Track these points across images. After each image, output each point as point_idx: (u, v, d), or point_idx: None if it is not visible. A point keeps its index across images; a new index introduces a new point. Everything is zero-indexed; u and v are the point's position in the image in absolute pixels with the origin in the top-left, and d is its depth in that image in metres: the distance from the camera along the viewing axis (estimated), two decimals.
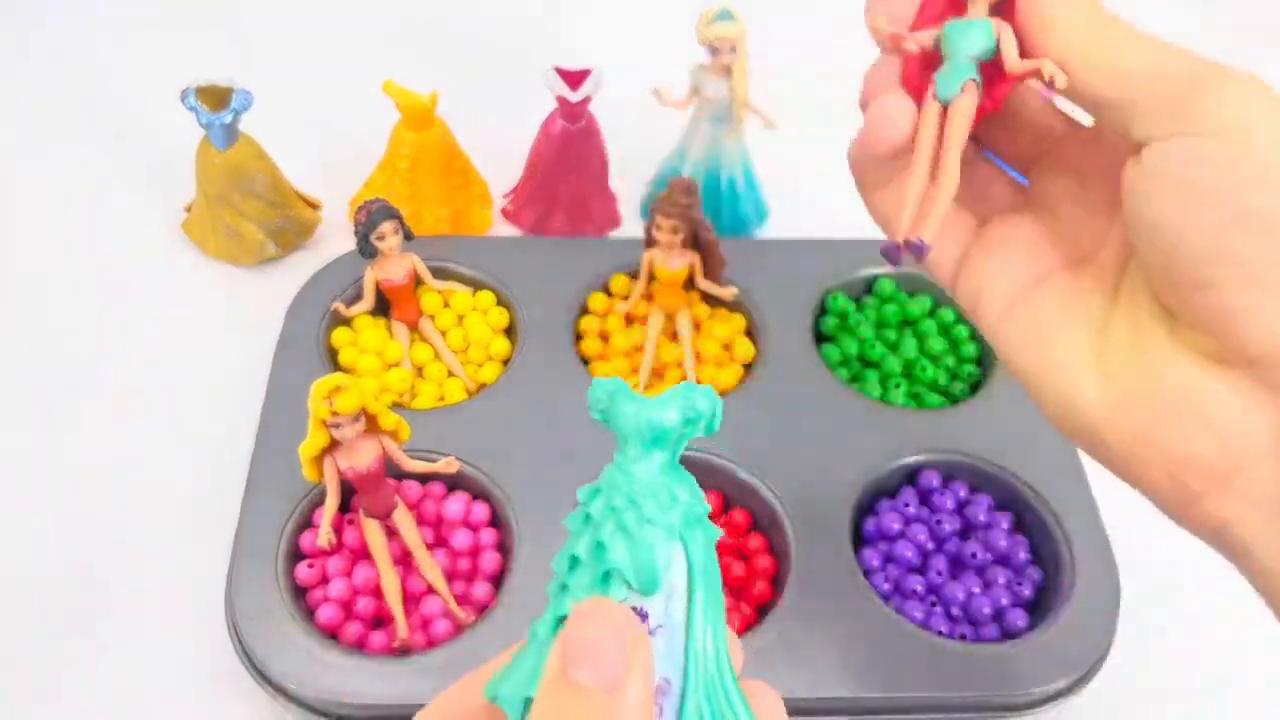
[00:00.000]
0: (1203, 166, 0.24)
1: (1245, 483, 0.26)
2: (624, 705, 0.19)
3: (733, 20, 0.58)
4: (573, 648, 0.20)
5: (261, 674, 0.44)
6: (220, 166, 0.59)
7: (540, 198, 0.65)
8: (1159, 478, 0.27)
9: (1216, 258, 0.24)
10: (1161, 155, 0.25)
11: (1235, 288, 0.24)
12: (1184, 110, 0.25)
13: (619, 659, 0.20)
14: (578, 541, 0.22)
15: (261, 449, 0.50)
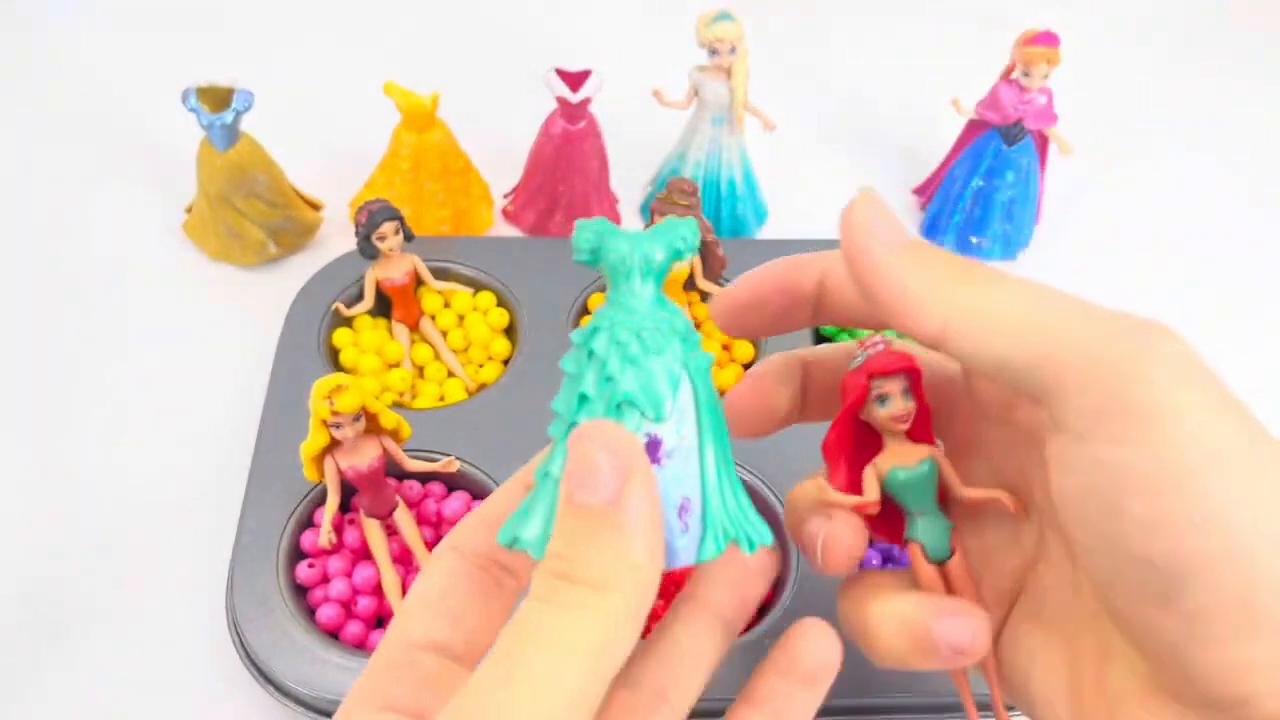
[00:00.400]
0: (1128, 491, 0.20)
1: None
2: (626, 515, 0.20)
3: (732, 21, 0.58)
4: (571, 472, 0.20)
5: (262, 673, 0.44)
6: (221, 167, 0.59)
7: (541, 198, 0.65)
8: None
9: (1158, 603, 0.20)
10: (1082, 467, 0.20)
11: (1186, 638, 0.20)
12: (1102, 399, 0.20)
13: (613, 473, 0.20)
14: (582, 380, 0.22)
15: (262, 448, 0.50)
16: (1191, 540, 0.19)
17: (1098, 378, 0.20)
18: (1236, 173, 0.75)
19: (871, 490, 0.26)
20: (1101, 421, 0.20)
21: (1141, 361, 0.20)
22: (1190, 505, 0.19)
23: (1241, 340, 0.64)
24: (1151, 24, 0.89)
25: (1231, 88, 0.84)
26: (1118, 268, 0.68)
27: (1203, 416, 0.20)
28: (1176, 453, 0.19)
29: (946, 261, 0.22)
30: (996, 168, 0.64)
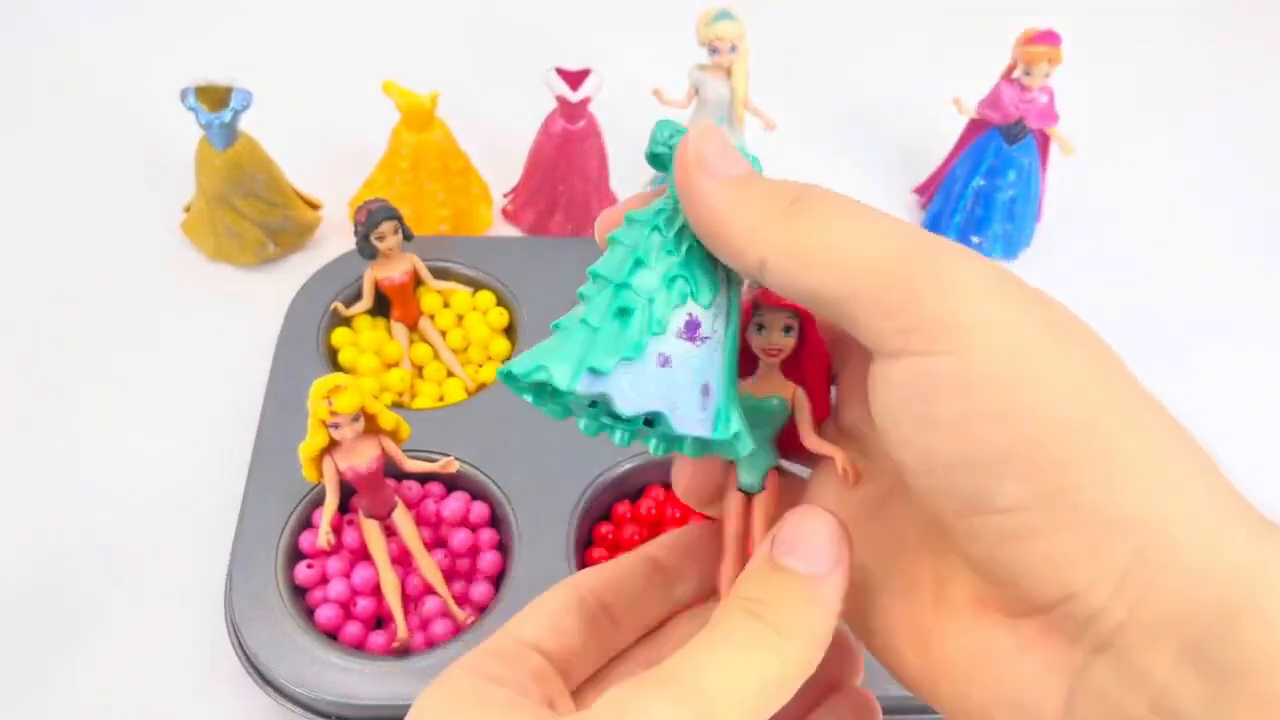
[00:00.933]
0: (935, 400, 0.20)
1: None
2: (831, 590, 0.22)
3: (732, 20, 0.58)
4: (784, 538, 0.22)
5: (261, 674, 0.44)
6: (220, 166, 0.59)
7: (540, 198, 0.65)
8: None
9: (971, 507, 0.20)
10: (892, 381, 0.21)
11: (1002, 538, 0.20)
12: (901, 316, 0.20)
13: (829, 551, 0.22)
14: (641, 247, 0.23)
15: (261, 449, 0.50)
16: (997, 434, 0.19)
17: (897, 299, 0.20)
18: (1238, 171, 0.75)
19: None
20: (906, 338, 0.20)
21: (933, 275, 0.20)
22: (993, 400, 0.19)
23: (1243, 337, 0.64)
24: (1153, 22, 0.88)
25: (1234, 86, 0.84)
26: (1119, 266, 0.68)
27: (999, 314, 0.20)
28: (977, 353, 0.20)
29: (769, 196, 0.22)
30: (998, 167, 0.63)
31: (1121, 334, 0.69)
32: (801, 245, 0.21)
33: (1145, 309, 0.65)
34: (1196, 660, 0.18)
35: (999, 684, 0.22)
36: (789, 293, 0.22)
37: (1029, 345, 0.20)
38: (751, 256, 0.22)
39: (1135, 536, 0.19)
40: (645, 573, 0.26)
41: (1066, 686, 0.20)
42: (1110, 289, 0.66)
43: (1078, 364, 0.20)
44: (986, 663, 0.22)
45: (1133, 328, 0.64)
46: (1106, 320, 0.69)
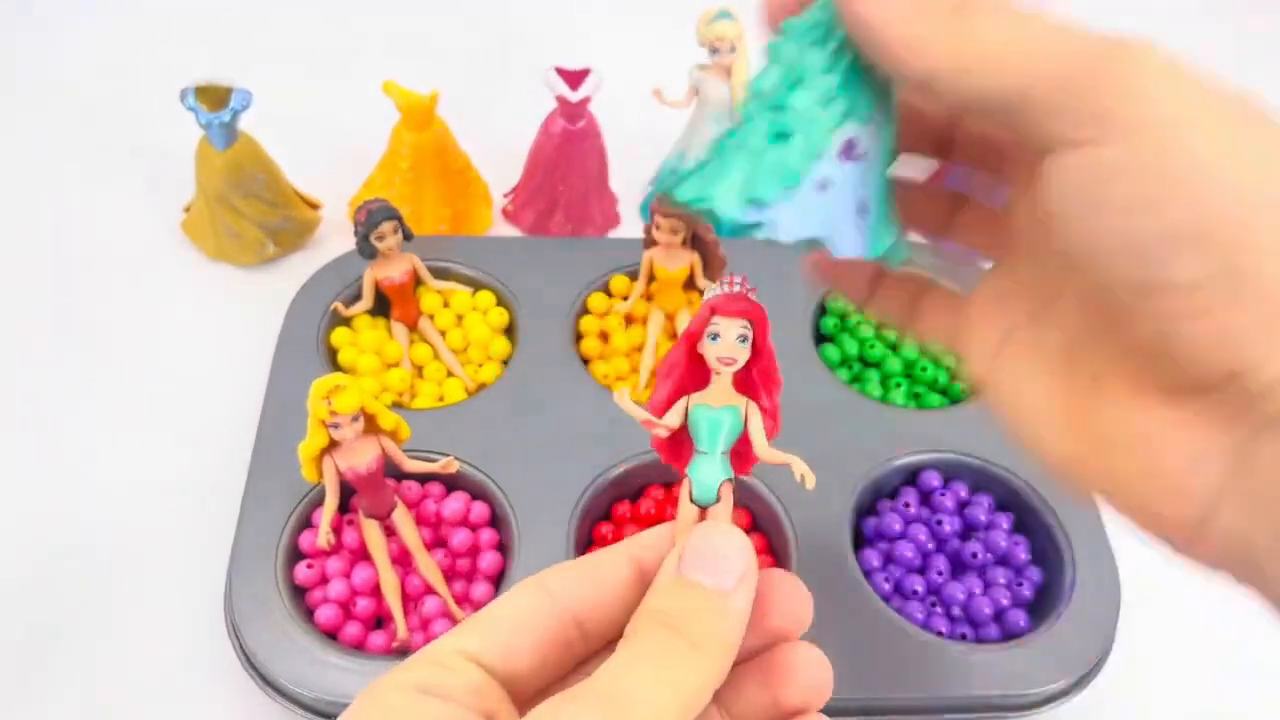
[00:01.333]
0: (1110, 183, 0.20)
1: (1212, 533, 0.23)
2: (735, 605, 0.23)
3: (732, 20, 0.58)
4: (694, 551, 0.24)
5: (261, 674, 0.44)
6: (220, 166, 0.59)
7: (540, 198, 0.65)
8: (1147, 528, 0.24)
9: (1147, 286, 0.21)
10: (1065, 173, 0.21)
11: (1174, 316, 0.21)
12: (1084, 110, 0.20)
13: (736, 568, 0.23)
14: (802, 64, 0.24)
15: (261, 449, 0.50)
16: (1174, 211, 0.20)
17: (1079, 97, 0.21)
18: None
19: (673, 417, 0.27)
20: (1078, 131, 0.21)
21: (1111, 69, 0.20)
22: (1172, 178, 0.20)
23: None
24: (1155, 20, 0.88)
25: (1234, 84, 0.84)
26: None
27: (1170, 103, 0.20)
28: (1158, 138, 0.20)
29: (934, 6, 0.22)
30: None
31: None
32: (969, 51, 0.22)
33: None
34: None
35: (1151, 461, 0.23)
36: (956, 99, 0.22)
37: (1205, 127, 0.20)
38: (918, 66, 0.22)
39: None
40: (629, 582, 0.25)
41: (1222, 467, 0.21)
42: None
43: (1261, 143, 0.20)
44: (1141, 441, 0.23)
45: None
46: None
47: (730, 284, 0.27)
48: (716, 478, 0.26)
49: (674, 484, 0.52)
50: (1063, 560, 0.48)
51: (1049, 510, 0.50)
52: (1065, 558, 0.48)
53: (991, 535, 0.50)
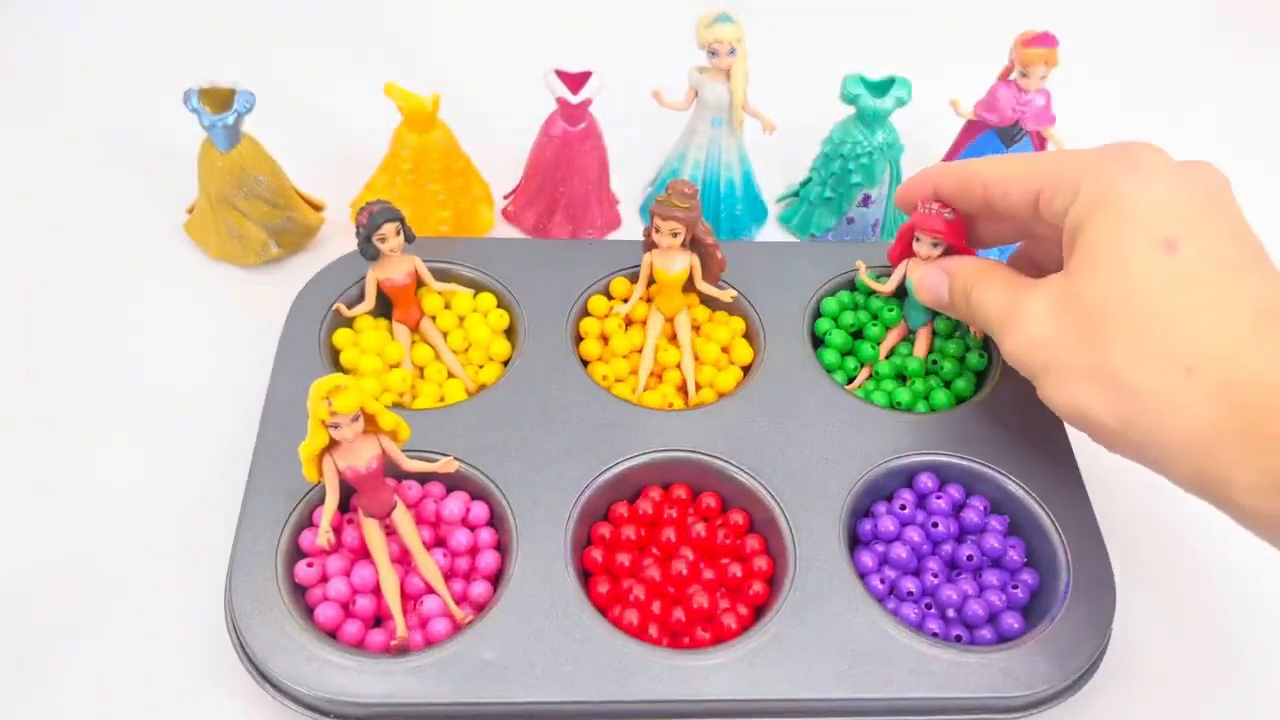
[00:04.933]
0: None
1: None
2: None
3: (732, 23, 0.58)
4: None
5: (260, 673, 0.44)
6: (222, 168, 0.59)
7: (541, 199, 0.66)
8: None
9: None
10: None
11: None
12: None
13: None
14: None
15: (262, 448, 0.50)
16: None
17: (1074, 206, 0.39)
18: (1238, 170, 0.75)
19: (892, 283, 0.57)
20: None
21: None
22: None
23: None
24: (1151, 23, 0.89)
25: (1232, 86, 0.84)
26: None
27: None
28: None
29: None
30: None
31: None
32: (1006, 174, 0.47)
33: None
34: None
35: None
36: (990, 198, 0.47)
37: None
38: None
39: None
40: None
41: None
42: None
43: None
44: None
45: None
46: None
47: (928, 208, 0.51)
48: (919, 318, 0.56)
49: (671, 485, 0.52)
50: (1057, 563, 0.48)
51: (1044, 513, 0.50)
52: (1060, 561, 0.48)
53: (986, 538, 0.50)
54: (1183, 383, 0.34)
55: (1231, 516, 0.37)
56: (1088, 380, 0.36)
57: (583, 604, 0.46)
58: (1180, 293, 0.34)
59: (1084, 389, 0.37)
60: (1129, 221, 0.36)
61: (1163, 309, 0.35)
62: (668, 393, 0.56)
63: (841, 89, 0.61)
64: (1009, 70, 0.62)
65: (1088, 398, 0.36)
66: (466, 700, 0.43)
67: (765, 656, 0.45)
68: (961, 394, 0.56)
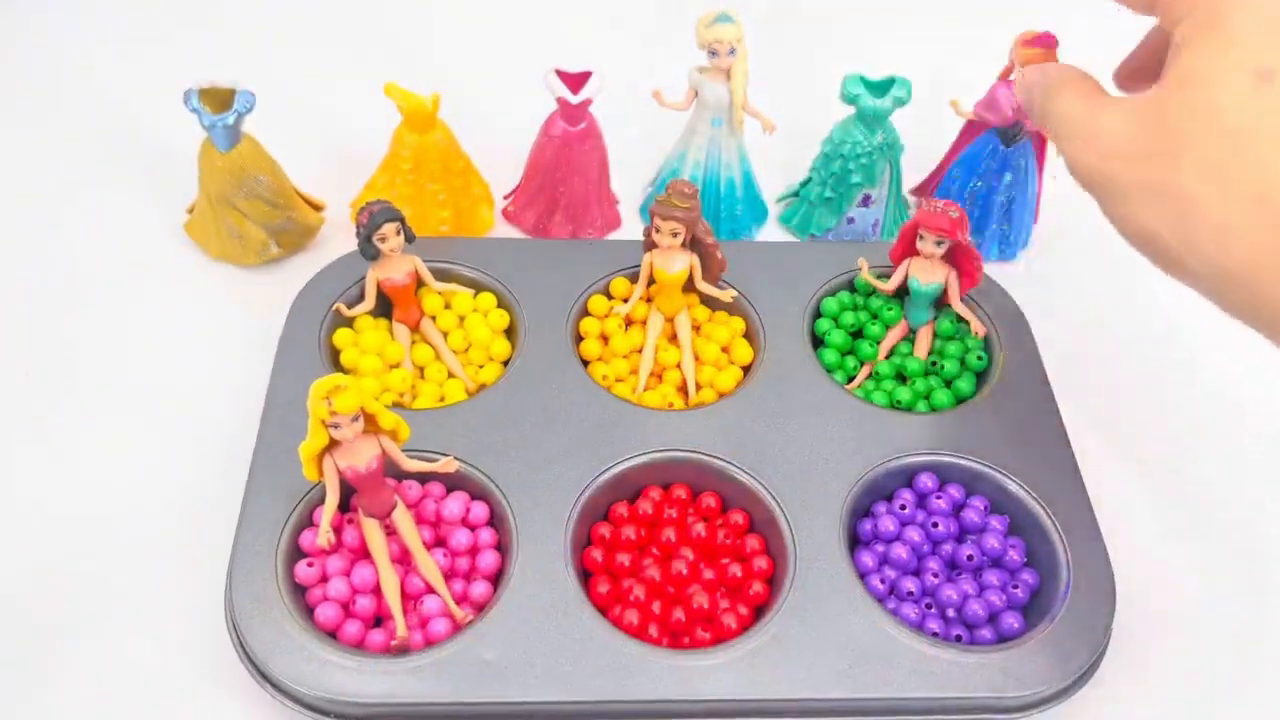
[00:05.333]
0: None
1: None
2: None
3: (732, 23, 0.58)
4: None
5: (261, 672, 0.44)
6: (223, 168, 0.59)
7: (541, 199, 0.66)
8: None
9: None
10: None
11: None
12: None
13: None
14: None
15: (262, 448, 0.50)
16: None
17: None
18: None
19: (894, 282, 0.57)
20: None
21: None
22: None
23: (1243, 336, 0.64)
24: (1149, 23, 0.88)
25: None
26: (1118, 267, 0.68)
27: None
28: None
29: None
30: (995, 168, 0.64)
31: (1122, 335, 0.69)
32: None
33: (1145, 310, 0.65)
34: None
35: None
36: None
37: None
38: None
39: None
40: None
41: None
42: (1109, 291, 0.66)
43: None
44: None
45: (1133, 329, 0.64)
46: (1106, 323, 0.70)
47: (934, 206, 0.52)
48: (925, 315, 0.56)
49: (671, 485, 0.52)
50: (1057, 563, 0.48)
51: (1044, 513, 0.50)
52: (1060, 560, 0.48)
53: (987, 538, 0.50)
54: (1250, 209, 0.33)
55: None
56: (1154, 197, 0.36)
57: (583, 604, 0.46)
58: (1264, 120, 0.34)
59: (1150, 207, 0.36)
60: (1232, 46, 0.34)
61: (1242, 133, 0.34)
62: (668, 393, 0.56)
63: (841, 89, 0.61)
64: (1009, 70, 0.62)
65: (1153, 216, 0.36)
66: (466, 700, 0.43)
67: (765, 656, 0.45)
68: (962, 394, 0.56)
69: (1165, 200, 0.35)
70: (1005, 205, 0.65)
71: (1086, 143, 0.38)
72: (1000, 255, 0.67)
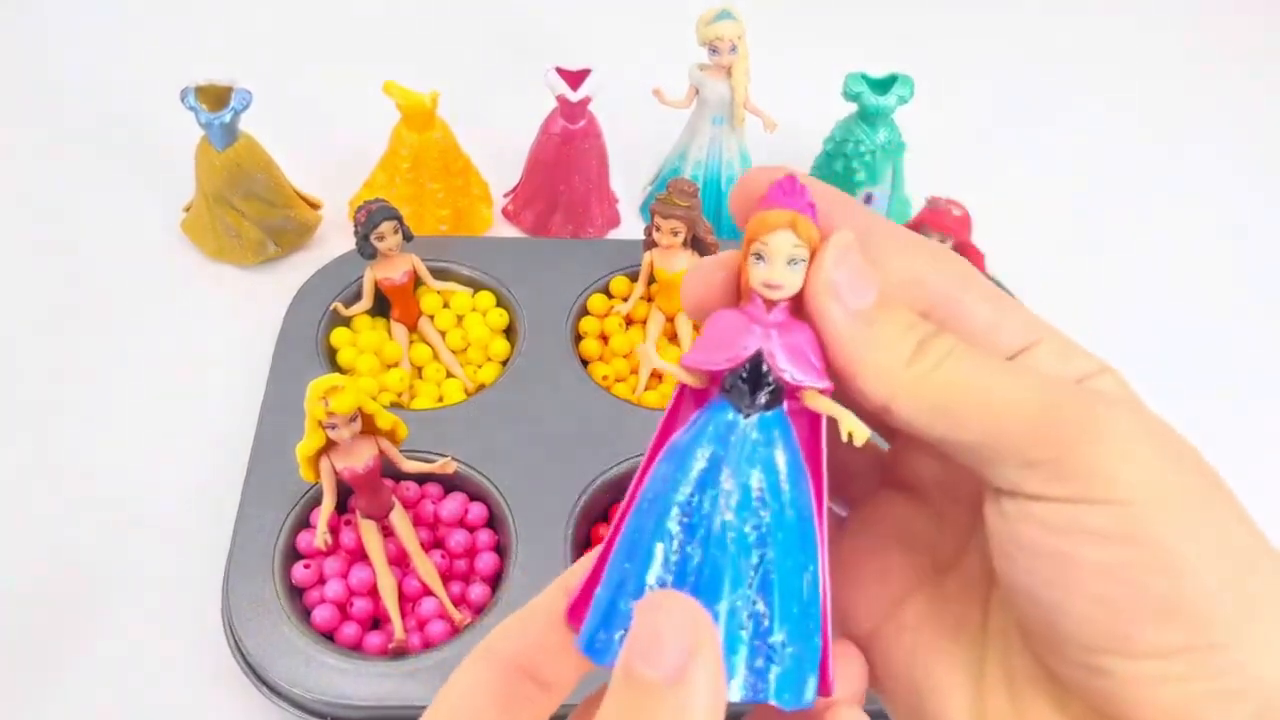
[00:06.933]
0: (1084, 544, 0.20)
1: None
2: (689, 694, 0.19)
3: (733, 20, 0.58)
4: (632, 640, 0.19)
5: (257, 675, 0.44)
6: (220, 166, 0.59)
7: (540, 198, 0.65)
8: None
9: (1111, 648, 0.20)
10: (1030, 520, 0.21)
11: (1135, 680, 0.20)
12: (1049, 465, 0.20)
13: (678, 646, 0.19)
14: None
15: (259, 449, 0.50)
16: (1157, 584, 0.20)
17: (1048, 449, 0.20)
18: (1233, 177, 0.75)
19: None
20: (1051, 485, 0.20)
21: (1086, 432, 0.20)
22: (1155, 554, 0.20)
23: (1243, 346, 0.64)
24: (1156, 33, 0.88)
25: (1233, 99, 0.83)
26: (1121, 273, 0.68)
27: (1156, 469, 0.20)
28: (1138, 508, 0.20)
29: (897, 336, 0.22)
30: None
31: (1123, 340, 0.68)
32: (928, 391, 0.21)
33: (1149, 317, 0.65)
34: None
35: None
36: (914, 431, 0.22)
37: (1184, 501, 0.20)
38: (878, 397, 0.21)
39: (1265, 691, 0.20)
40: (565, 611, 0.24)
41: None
42: (1112, 295, 0.66)
43: (1221, 520, 0.21)
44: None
45: (1135, 338, 0.64)
46: (1110, 326, 0.68)
47: (936, 203, 0.36)
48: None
49: None
50: None
51: None
52: None
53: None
54: None
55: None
56: None
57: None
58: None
59: None
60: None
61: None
62: (668, 393, 0.55)
63: (844, 86, 0.61)
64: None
65: None
66: None
67: None
68: None
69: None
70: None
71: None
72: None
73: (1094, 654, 0.21)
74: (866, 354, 0.22)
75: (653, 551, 0.21)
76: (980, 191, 0.60)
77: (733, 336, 0.22)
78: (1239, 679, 0.20)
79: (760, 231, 0.21)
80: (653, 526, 0.21)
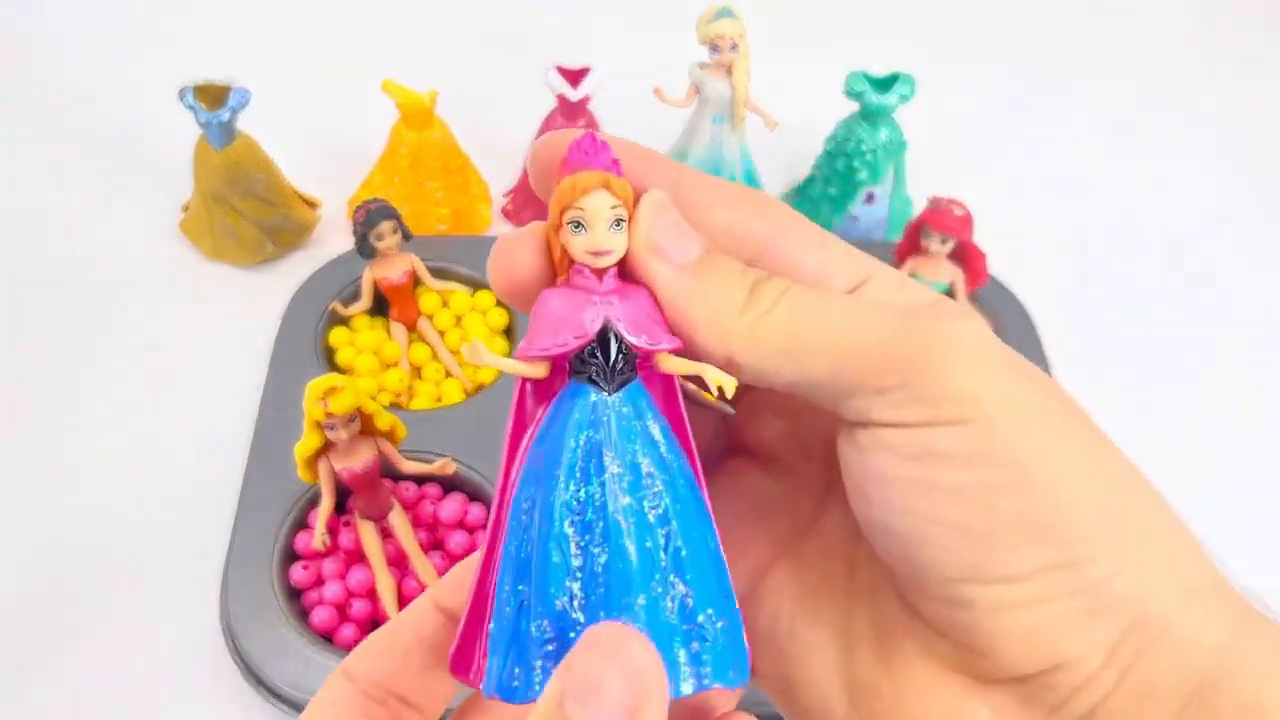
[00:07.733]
0: (939, 467, 0.19)
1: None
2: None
3: (733, 18, 0.58)
4: (572, 677, 0.17)
5: (255, 676, 0.43)
6: (218, 165, 0.59)
7: (539, 198, 0.65)
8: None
9: (970, 575, 0.19)
10: (884, 449, 0.20)
11: (995, 606, 0.19)
12: (899, 390, 0.19)
13: (621, 703, 0.17)
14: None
15: (257, 449, 0.50)
16: (1013, 504, 0.19)
17: (894, 375, 0.19)
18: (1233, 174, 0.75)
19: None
20: (901, 410, 0.19)
21: (932, 351, 0.19)
22: (1010, 472, 0.19)
23: (1252, 339, 0.64)
24: (1156, 34, 0.88)
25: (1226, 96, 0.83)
26: (1126, 270, 0.68)
27: (1007, 386, 0.20)
28: (991, 425, 0.19)
29: (730, 285, 0.21)
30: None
31: (1131, 337, 0.68)
32: (768, 335, 0.20)
33: (1154, 312, 0.65)
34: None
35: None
36: (761, 381, 0.21)
37: (1039, 419, 0.19)
38: (717, 353, 0.21)
39: (1131, 609, 0.19)
40: (438, 628, 0.22)
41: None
42: (1118, 292, 0.66)
43: (1082, 440, 0.20)
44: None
45: (1142, 332, 0.64)
46: (1114, 324, 0.68)
47: (938, 203, 0.31)
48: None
49: None
50: None
51: None
52: None
53: None
54: None
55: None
56: None
57: None
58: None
59: None
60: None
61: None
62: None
63: (845, 85, 0.61)
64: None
65: None
66: None
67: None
68: None
69: None
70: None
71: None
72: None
73: (954, 584, 0.20)
74: (699, 309, 0.21)
75: (549, 562, 0.19)
76: (982, 191, 0.60)
77: (570, 314, 0.20)
78: (1102, 597, 0.19)
79: (573, 197, 0.20)
80: (541, 536, 0.19)
